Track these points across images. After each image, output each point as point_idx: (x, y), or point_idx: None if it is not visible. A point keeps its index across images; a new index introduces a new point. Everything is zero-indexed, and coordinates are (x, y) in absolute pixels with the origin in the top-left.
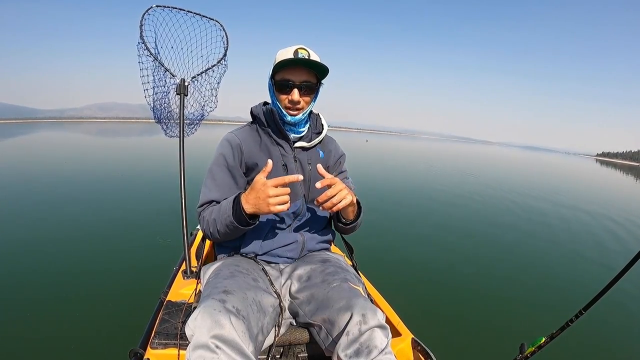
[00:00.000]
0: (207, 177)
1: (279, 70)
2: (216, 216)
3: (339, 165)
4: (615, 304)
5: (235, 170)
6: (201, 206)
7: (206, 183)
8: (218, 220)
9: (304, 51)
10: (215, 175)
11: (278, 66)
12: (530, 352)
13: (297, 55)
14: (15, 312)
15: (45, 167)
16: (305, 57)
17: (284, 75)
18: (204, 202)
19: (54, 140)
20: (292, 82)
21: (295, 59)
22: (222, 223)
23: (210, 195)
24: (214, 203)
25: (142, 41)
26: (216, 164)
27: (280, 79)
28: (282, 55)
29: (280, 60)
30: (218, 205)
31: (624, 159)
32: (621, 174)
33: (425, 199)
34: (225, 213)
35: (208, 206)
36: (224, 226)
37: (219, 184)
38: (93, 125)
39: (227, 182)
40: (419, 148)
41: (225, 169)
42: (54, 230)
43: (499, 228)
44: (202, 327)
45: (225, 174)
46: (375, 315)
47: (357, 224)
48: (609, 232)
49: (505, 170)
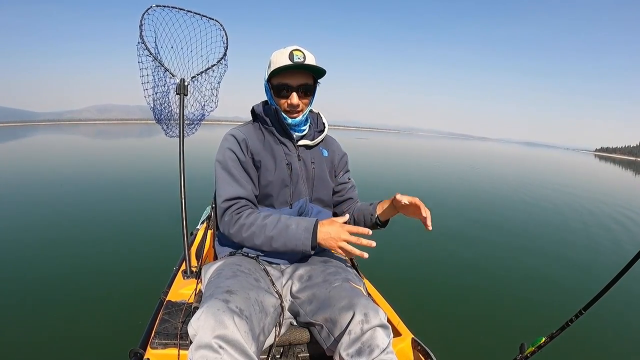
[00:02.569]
0: (222, 173)
1: (276, 74)
2: (276, 235)
3: (344, 165)
4: (616, 304)
5: (247, 165)
6: (228, 200)
7: (224, 178)
8: (279, 240)
9: (299, 53)
10: (232, 170)
11: (275, 71)
12: (530, 352)
13: (293, 58)
14: (16, 312)
15: (45, 168)
16: (301, 59)
17: (282, 80)
18: (231, 197)
19: (53, 142)
20: (291, 86)
21: (292, 65)
22: (285, 244)
23: (235, 191)
24: (244, 201)
25: (142, 41)
26: (228, 160)
27: (278, 84)
28: (277, 59)
29: (277, 67)
30: (279, 224)
31: (622, 153)
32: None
33: (425, 198)
34: (297, 238)
35: (236, 204)
36: (286, 248)
37: (239, 179)
38: (91, 127)
39: (244, 177)
40: (418, 145)
41: (238, 164)
42: (54, 230)
43: (499, 228)
44: (206, 327)
45: (240, 169)
46: (377, 315)
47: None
48: (609, 230)
49: (505, 166)
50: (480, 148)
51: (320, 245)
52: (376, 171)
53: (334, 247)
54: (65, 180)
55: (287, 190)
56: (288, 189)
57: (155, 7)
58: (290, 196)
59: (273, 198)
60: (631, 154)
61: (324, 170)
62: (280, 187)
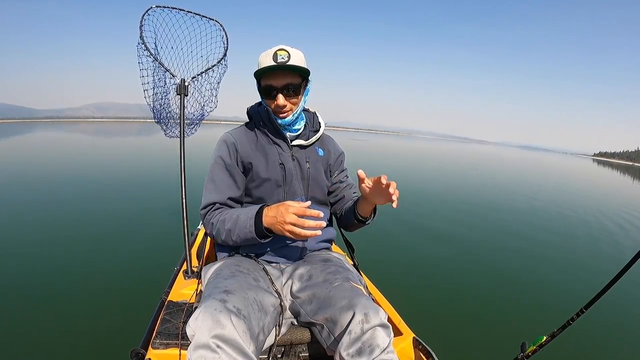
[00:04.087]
0: (207, 180)
1: (262, 76)
2: (232, 227)
3: (340, 164)
4: (616, 303)
5: (232, 168)
6: (204, 208)
7: (207, 186)
8: (234, 231)
9: (283, 52)
10: (214, 176)
11: (259, 72)
12: (531, 351)
13: (277, 59)
14: (17, 312)
15: (45, 166)
16: (285, 59)
17: (267, 81)
18: (206, 205)
19: (54, 140)
20: (275, 87)
21: (273, 66)
22: (239, 235)
23: (210, 197)
24: (217, 205)
25: (142, 41)
26: (214, 165)
27: (265, 85)
28: (263, 60)
29: (259, 68)
30: (233, 216)
31: (620, 158)
32: (619, 174)
33: (424, 199)
34: (244, 227)
35: (211, 209)
36: (243, 239)
37: (218, 185)
38: (91, 125)
39: (226, 181)
40: (417, 147)
41: (223, 169)
42: (54, 230)
43: (500, 228)
44: (203, 327)
45: (224, 174)
46: (377, 314)
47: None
48: (609, 231)
49: (505, 168)
50: (479, 151)
51: (271, 231)
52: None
53: (283, 232)
54: (66, 180)
55: (281, 190)
56: (281, 188)
57: (156, 7)
58: (284, 196)
59: (266, 198)
60: (629, 159)
61: (319, 170)
62: (273, 187)
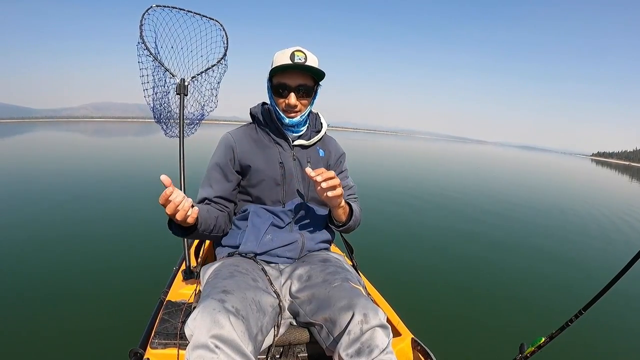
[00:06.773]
0: (203, 177)
1: (276, 74)
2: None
3: (340, 165)
4: (615, 304)
5: (226, 168)
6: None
7: (201, 183)
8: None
9: (300, 54)
10: (209, 174)
11: (275, 70)
12: (530, 352)
13: (294, 59)
14: (17, 312)
15: (45, 166)
16: (302, 60)
17: (281, 79)
18: (198, 201)
19: (52, 140)
20: (289, 86)
21: (290, 65)
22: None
23: (201, 193)
24: (206, 201)
25: (142, 41)
26: (210, 164)
27: (277, 83)
28: (279, 58)
29: (276, 66)
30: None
31: (619, 158)
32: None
33: (424, 198)
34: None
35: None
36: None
37: (211, 182)
38: (89, 125)
39: (217, 179)
40: (417, 147)
41: (217, 168)
42: (53, 230)
43: (499, 228)
44: (202, 327)
45: (217, 172)
46: (376, 315)
47: (350, 226)
48: (609, 231)
49: (505, 168)
50: (479, 151)
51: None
52: (377, 171)
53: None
54: (65, 179)
55: (279, 189)
56: (280, 187)
57: (156, 7)
58: (283, 195)
59: (265, 197)
60: (627, 159)
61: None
62: (271, 187)
